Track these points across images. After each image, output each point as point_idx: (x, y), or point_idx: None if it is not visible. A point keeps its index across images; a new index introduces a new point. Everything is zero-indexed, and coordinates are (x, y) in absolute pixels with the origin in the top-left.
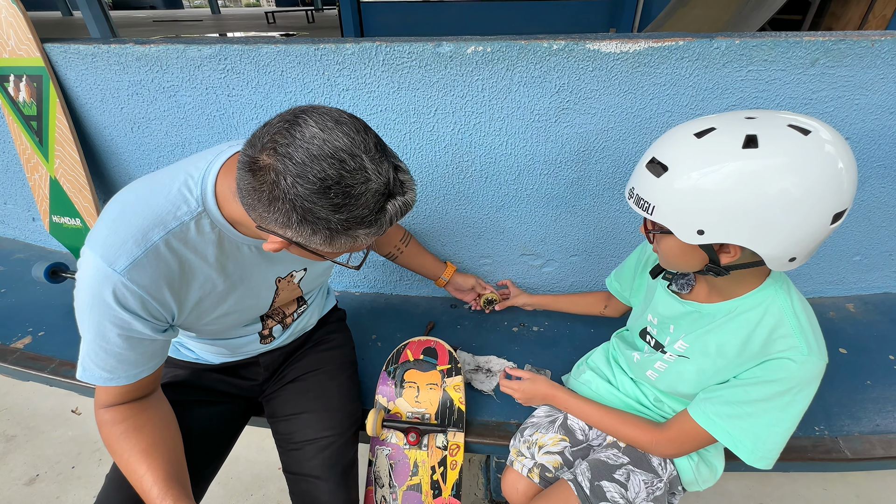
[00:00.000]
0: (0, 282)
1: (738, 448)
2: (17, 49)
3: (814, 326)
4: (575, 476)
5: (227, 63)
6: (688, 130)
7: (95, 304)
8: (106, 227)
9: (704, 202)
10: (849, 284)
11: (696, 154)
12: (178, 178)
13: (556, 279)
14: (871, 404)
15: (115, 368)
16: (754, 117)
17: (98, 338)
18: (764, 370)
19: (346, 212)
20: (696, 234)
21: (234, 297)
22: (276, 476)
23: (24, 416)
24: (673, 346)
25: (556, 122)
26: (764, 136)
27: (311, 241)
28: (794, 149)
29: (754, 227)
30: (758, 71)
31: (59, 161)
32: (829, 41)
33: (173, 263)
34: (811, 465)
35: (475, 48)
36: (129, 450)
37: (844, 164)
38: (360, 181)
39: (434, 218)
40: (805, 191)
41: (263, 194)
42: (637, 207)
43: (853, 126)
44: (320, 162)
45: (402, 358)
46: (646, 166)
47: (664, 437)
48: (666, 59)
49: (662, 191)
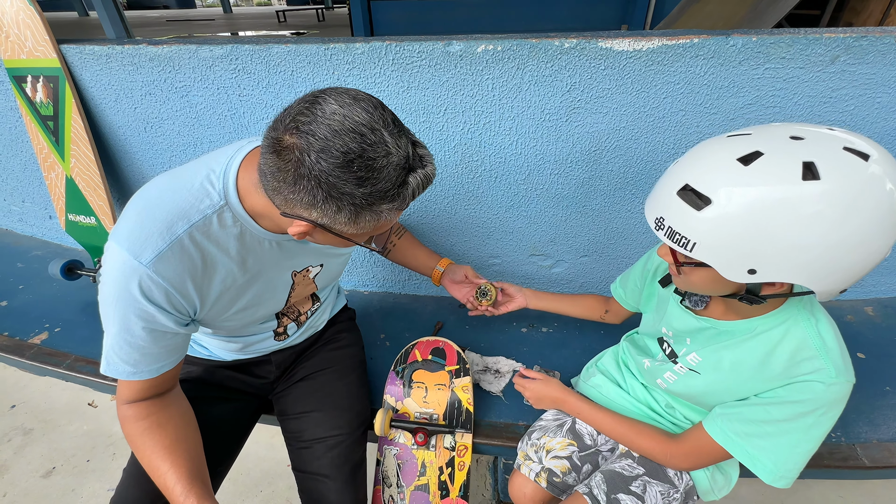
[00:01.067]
0: (18, 279)
1: (757, 467)
2: (35, 50)
3: (840, 346)
4: (590, 489)
5: (239, 63)
6: (729, 154)
7: (121, 296)
8: (130, 222)
9: (760, 242)
10: (867, 287)
11: (747, 185)
12: (200, 173)
13: (566, 280)
14: (890, 411)
15: (139, 362)
16: (802, 137)
17: (123, 331)
18: (789, 392)
19: (370, 185)
20: (745, 273)
21: (252, 291)
22: (285, 473)
23: (41, 409)
24: (686, 357)
25: (567, 122)
26: (823, 164)
27: (336, 220)
28: (859, 180)
29: (816, 268)
30: (775, 69)
31: (75, 160)
32: (849, 38)
33: (196, 256)
34: (827, 472)
35: (485, 47)
36: (151, 447)
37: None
38: (381, 154)
39: (443, 217)
40: (874, 226)
41: (288, 174)
42: (669, 241)
43: (875, 125)
44: (342, 136)
45: (411, 358)
46: (678, 194)
47: (679, 451)
48: (680, 56)
49: (706, 227)
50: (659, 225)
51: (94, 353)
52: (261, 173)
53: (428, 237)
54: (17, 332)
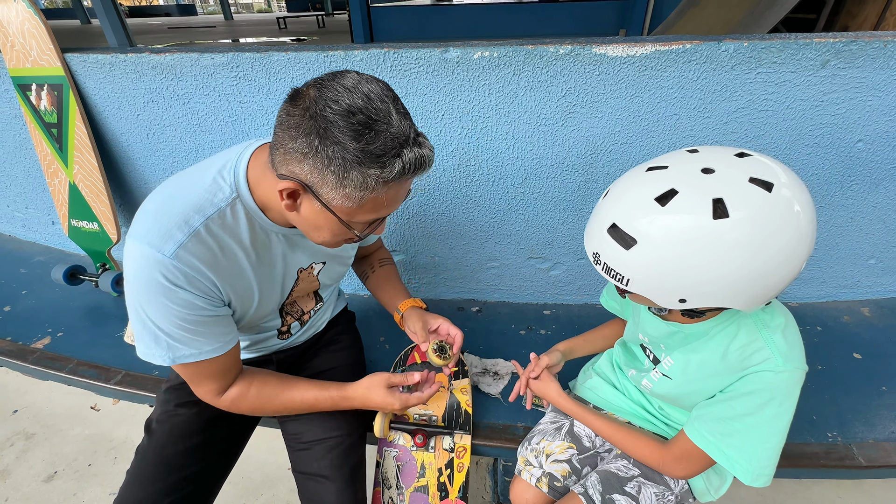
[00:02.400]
0: (21, 284)
1: (735, 468)
2: (39, 59)
3: (787, 336)
4: (586, 489)
5: (240, 70)
6: (647, 193)
7: (152, 288)
8: (147, 220)
9: (684, 276)
10: (864, 288)
11: (665, 226)
12: (210, 170)
13: (564, 282)
14: (886, 411)
15: (198, 343)
16: (712, 169)
17: (169, 319)
18: (744, 384)
19: (364, 142)
20: (677, 302)
21: (261, 283)
22: (286, 476)
23: (44, 414)
24: (662, 363)
25: (562, 126)
26: (731, 199)
27: (324, 176)
28: (765, 212)
29: (737, 292)
30: (767, 73)
31: (78, 167)
32: (840, 42)
33: (215, 247)
34: (824, 471)
35: (482, 53)
36: (276, 395)
37: (804, 210)
38: (382, 120)
39: (441, 221)
40: (786, 250)
41: (293, 119)
42: (607, 275)
43: (866, 128)
44: (352, 94)
45: (410, 360)
46: (608, 232)
47: (670, 457)
48: (673, 62)
49: (636, 265)
50: (596, 260)
51: (97, 357)
52: (276, 124)
53: (426, 241)
54: (20, 337)
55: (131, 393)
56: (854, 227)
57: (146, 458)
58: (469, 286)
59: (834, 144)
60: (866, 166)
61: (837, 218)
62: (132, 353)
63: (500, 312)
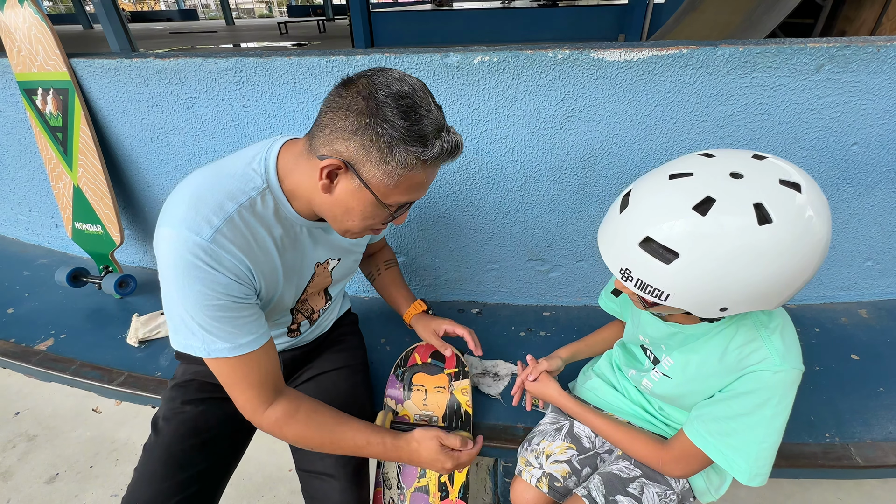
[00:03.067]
0: (24, 286)
1: (733, 468)
2: (46, 64)
3: (786, 337)
4: (589, 491)
5: (243, 75)
6: (683, 202)
7: (190, 273)
8: (181, 207)
9: (729, 284)
10: (861, 290)
11: (711, 237)
12: (241, 161)
13: (564, 284)
14: (883, 411)
15: (233, 335)
16: (741, 174)
17: (204, 309)
18: (742, 383)
19: (410, 121)
20: (718, 311)
21: (286, 273)
22: (286, 478)
23: (45, 416)
24: (662, 363)
25: (561, 130)
26: (770, 204)
27: (369, 152)
28: (800, 213)
29: (774, 294)
30: (762, 77)
31: (83, 170)
32: (833, 47)
33: (247, 234)
34: (822, 471)
35: (482, 58)
36: (327, 424)
37: (826, 206)
38: (424, 107)
39: (442, 224)
40: (818, 248)
41: (345, 100)
42: (640, 291)
43: (861, 131)
44: (401, 83)
45: (411, 361)
46: (640, 246)
47: (669, 457)
48: (670, 66)
49: (678, 279)
50: (626, 276)
51: (100, 358)
52: (324, 108)
53: (427, 244)
54: (24, 339)
55: (134, 394)
56: (851, 229)
57: (153, 455)
58: (469, 288)
59: (829, 148)
60: (862, 169)
61: (834, 220)
62: (135, 354)
63: (500, 314)
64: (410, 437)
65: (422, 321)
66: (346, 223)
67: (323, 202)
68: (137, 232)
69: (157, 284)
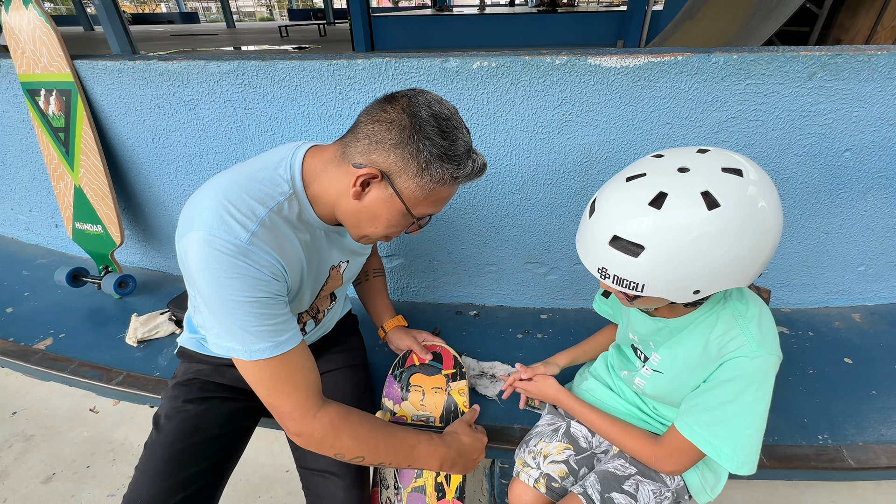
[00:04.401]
0: (24, 286)
1: (720, 456)
2: (49, 65)
3: (763, 324)
4: (585, 489)
5: (245, 78)
6: (639, 200)
7: (230, 274)
8: (213, 211)
9: (694, 269)
10: (854, 294)
11: (669, 226)
12: (267, 166)
13: (561, 287)
14: (875, 414)
15: (275, 332)
16: (687, 168)
17: (242, 308)
18: (722, 371)
19: (448, 140)
20: (692, 294)
21: (309, 274)
22: (283, 479)
23: (43, 416)
24: (651, 360)
25: (559, 134)
26: (716, 191)
27: (407, 165)
28: (744, 195)
29: (740, 270)
30: (756, 84)
31: (84, 170)
32: (825, 55)
33: (279, 236)
34: (814, 473)
35: (481, 63)
36: (381, 426)
37: (770, 184)
38: (459, 129)
39: (440, 226)
40: (769, 224)
41: (389, 114)
42: (618, 287)
43: (852, 137)
44: (441, 105)
45: (409, 362)
46: (610, 245)
47: (662, 453)
48: (665, 73)
49: (648, 270)
50: (604, 274)
51: (98, 358)
52: (362, 119)
53: (425, 246)
54: (23, 338)
55: (132, 394)
56: (843, 234)
57: (155, 453)
58: (467, 290)
59: (822, 154)
60: (854, 175)
61: (827, 225)
62: (133, 354)
63: (497, 316)
64: (447, 431)
65: (400, 331)
66: (367, 229)
67: (349, 208)
68: (138, 232)
69: (156, 284)
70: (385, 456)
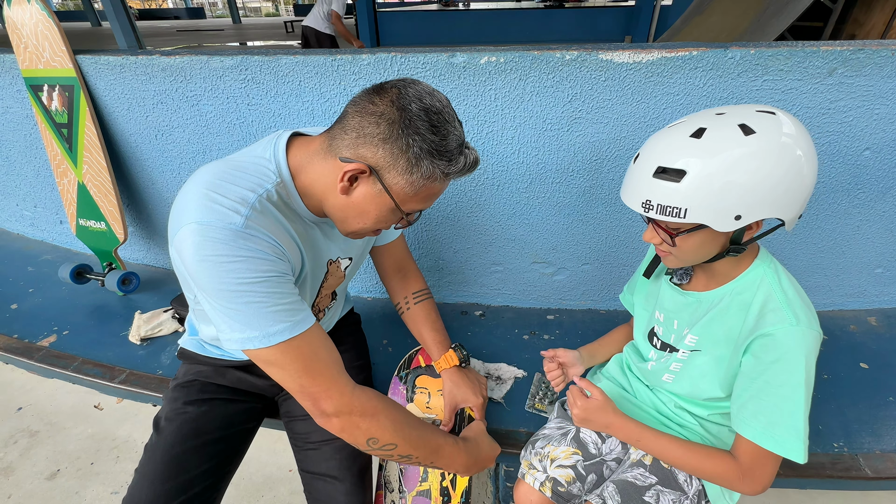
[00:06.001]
0: (28, 282)
1: (792, 454)
2: (52, 60)
3: (802, 299)
4: (604, 500)
5: (248, 73)
6: (680, 135)
7: (231, 258)
8: (200, 202)
9: (733, 190)
10: (871, 297)
11: (708, 152)
12: (250, 157)
13: (568, 288)
14: (893, 422)
15: (286, 311)
16: (723, 112)
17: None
18: (764, 350)
19: (439, 135)
20: (733, 220)
21: (305, 265)
22: (286, 478)
23: (47, 412)
24: (683, 342)
25: (568, 131)
26: (752, 123)
27: (396, 161)
28: (777, 128)
29: (780, 196)
30: (774, 80)
31: (87, 166)
32: (847, 51)
33: (272, 220)
34: (829, 482)
35: (488, 59)
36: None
37: (803, 129)
38: (451, 123)
39: (446, 225)
40: (803, 157)
41: (378, 107)
42: (662, 216)
43: (873, 136)
44: (432, 97)
45: (414, 363)
46: (654, 177)
47: (745, 469)
48: (679, 68)
49: (691, 193)
50: (648, 206)
51: (102, 355)
52: (342, 119)
53: (430, 245)
54: (27, 335)
55: (135, 392)
56: (861, 235)
57: (155, 456)
58: (473, 290)
59: (841, 152)
60: (873, 174)
61: (844, 226)
62: (137, 351)
63: (503, 317)
64: (468, 434)
65: (456, 377)
66: (355, 225)
67: (336, 203)
68: (141, 229)
69: (159, 282)
70: (415, 448)
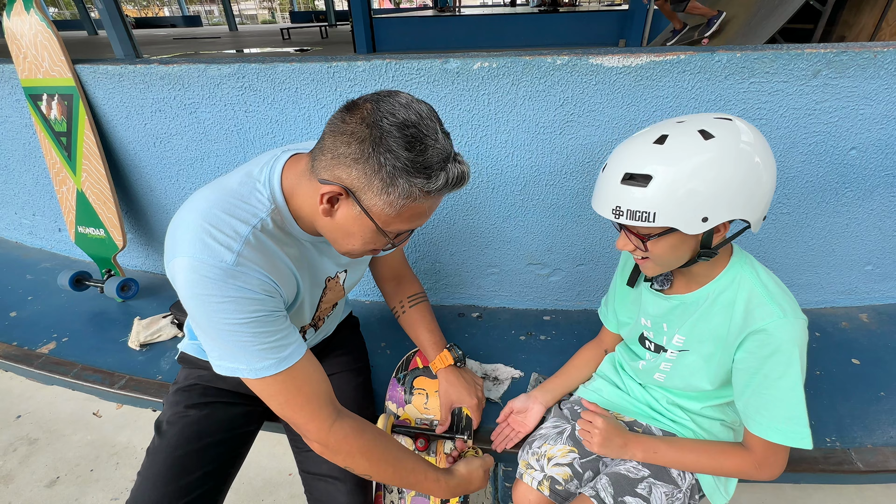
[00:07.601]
0: (27, 290)
1: (799, 443)
2: (51, 70)
3: (782, 289)
4: (597, 492)
5: (245, 81)
6: (644, 142)
7: (221, 297)
8: (194, 235)
9: (701, 193)
10: (861, 294)
11: (672, 158)
12: (246, 184)
13: (563, 288)
14: (884, 416)
15: (274, 347)
16: (683, 121)
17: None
18: (759, 345)
19: (415, 152)
20: (700, 222)
21: (301, 289)
22: (286, 482)
23: (47, 419)
24: (671, 342)
25: (560, 135)
26: (710, 129)
27: (371, 182)
28: (735, 133)
29: (741, 198)
30: (760, 83)
31: (86, 174)
32: (830, 53)
33: (266, 253)
34: (822, 476)
35: (481, 64)
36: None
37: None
38: (430, 136)
39: (442, 228)
40: (761, 161)
41: (349, 126)
42: (632, 221)
43: (859, 136)
44: (407, 109)
45: (412, 365)
46: (622, 183)
47: (759, 460)
48: (668, 72)
49: (659, 197)
50: (617, 213)
51: (101, 362)
52: (321, 138)
53: (427, 248)
54: (26, 342)
55: (135, 398)
56: (850, 233)
57: (157, 458)
58: (469, 292)
59: (828, 152)
60: (860, 173)
61: (833, 224)
62: (136, 358)
63: (500, 318)
64: (456, 471)
65: (451, 376)
66: (346, 246)
67: (324, 225)
68: (140, 236)
69: (158, 288)
70: (391, 480)
